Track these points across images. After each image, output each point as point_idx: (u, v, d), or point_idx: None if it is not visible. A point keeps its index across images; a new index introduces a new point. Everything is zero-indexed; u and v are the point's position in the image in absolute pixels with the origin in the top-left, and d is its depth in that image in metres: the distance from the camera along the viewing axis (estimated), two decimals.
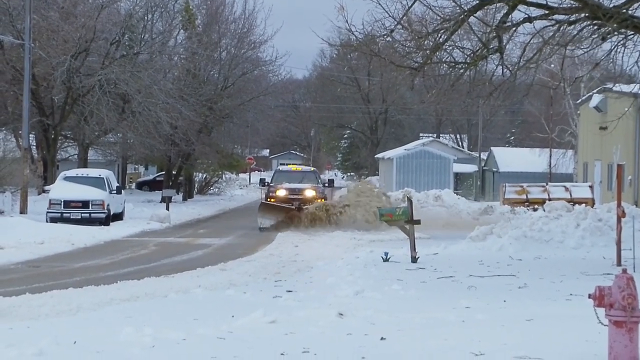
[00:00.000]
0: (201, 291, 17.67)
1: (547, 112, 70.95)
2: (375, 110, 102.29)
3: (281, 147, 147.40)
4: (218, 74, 61.41)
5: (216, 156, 63.79)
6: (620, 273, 9.55)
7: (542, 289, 17.13)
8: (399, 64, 23.22)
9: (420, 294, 16.73)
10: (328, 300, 15.71)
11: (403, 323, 12.79)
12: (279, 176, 43.54)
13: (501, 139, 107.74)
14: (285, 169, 46.06)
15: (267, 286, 18.58)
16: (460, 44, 24.28)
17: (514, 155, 76.11)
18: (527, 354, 10.04)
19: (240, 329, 12.33)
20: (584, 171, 54.04)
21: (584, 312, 10.92)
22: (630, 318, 9.34)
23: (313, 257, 25.43)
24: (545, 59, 24.50)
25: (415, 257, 22.57)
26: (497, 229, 26.97)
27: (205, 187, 72.55)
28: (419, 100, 56.66)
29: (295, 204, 39.04)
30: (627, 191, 40.87)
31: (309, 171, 45.44)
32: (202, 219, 47.31)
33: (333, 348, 10.82)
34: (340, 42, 50.33)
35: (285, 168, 46.76)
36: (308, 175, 43.97)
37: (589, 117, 50.91)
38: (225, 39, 62.41)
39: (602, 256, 22.63)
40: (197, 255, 27.57)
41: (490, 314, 13.65)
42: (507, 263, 21.90)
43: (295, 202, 39.29)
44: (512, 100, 75.25)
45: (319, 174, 46.91)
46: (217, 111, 60.36)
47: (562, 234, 25.67)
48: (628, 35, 22.23)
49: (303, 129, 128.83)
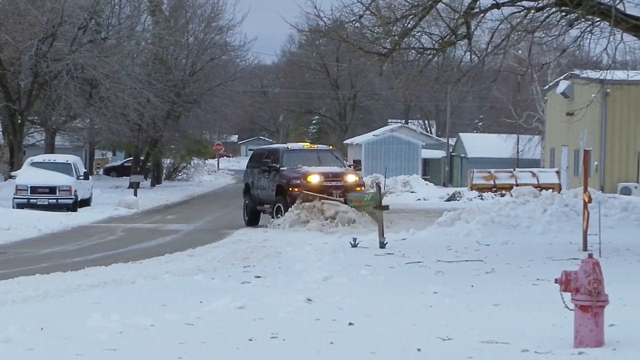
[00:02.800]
0: (169, 277, 17.63)
1: (515, 98, 71.28)
2: (343, 96, 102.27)
3: (250, 132, 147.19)
4: (186, 59, 61.22)
5: (184, 142, 63.62)
6: (586, 258, 9.62)
7: (510, 274, 17.21)
8: (368, 50, 23.22)
9: (388, 279, 16.77)
10: (296, 285, 15.73)
11: (371, 308, 12.83)
12: (289, 157, 33.38)
13: (469, 125, 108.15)
14: (296, 147, 35.95)
15: (235, 272, 18.57)
16: (429, 30, 24.33)
17: (482, 141, 76.46)
18: (494, 338, 10.10)
19: (208, 314, 12.33)
20: (551, 157, 54.33)
21: (551, 296, 10.99)
22: (596, 302, 9.42)
23: (282, 242, 25.43)
24: (513, 45, 24.58)
25: (383, 242, 22.61)
26: (465, 215, 27.06)
27: (173, 173, 72.36)
28: (387, 86, 56.68)
29: (337, 193, 31.13)
30: (593, 177, 41.15)
31: (326, 150, 35.82)
32: (171, 204, 47.19)
33: (301, 333, 10.85)
34: (309, 28, 50.27)
35: (297, 146, 36.35)
36: (326, 155, 34.42)
37: (556, 103, 51.17)
38: (192, 24, 62.21)
39: (568, 241, 22.77)
40: (165, 241, 27.50)
41: (457, 299, 13.71)
42: (475, 248, 21.99)
43: (335, 191, 31.23)
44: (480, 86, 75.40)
45: (339, 153, 37.28)
46: (185, 97, 60.18)
47: (530, 219, 25.79)
48: (595, 21, 22.32)
49: (272, 115, 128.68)
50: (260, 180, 33.77)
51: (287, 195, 31.45)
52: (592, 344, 9.43)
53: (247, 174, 35.51)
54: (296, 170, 32.31)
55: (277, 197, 31.90)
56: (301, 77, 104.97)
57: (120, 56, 48.72)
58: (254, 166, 34.98)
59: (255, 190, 33.96)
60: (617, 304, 11.31)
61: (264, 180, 33.42)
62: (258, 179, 33.96)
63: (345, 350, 9.75)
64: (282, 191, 31.81)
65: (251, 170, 35.03)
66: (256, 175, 34.18)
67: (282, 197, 31.67)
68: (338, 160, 34.35)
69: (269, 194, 32.77)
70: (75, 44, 47.10)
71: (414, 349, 9.68)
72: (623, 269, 17.46)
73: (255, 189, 34.02)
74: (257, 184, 33.90)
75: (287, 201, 31.23)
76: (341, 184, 31.71)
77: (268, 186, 32.98)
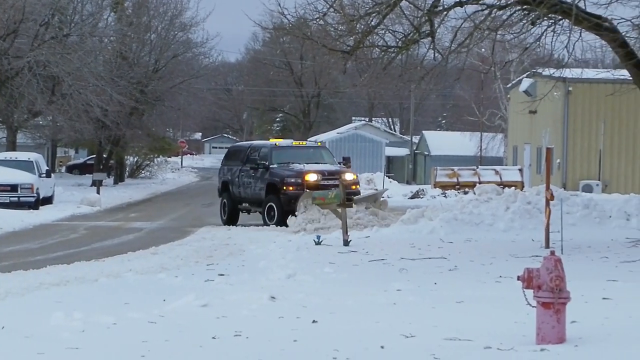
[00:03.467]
0: (132, 275, 17.56)
1: (478, 96, 71.62)
2: (307, 94, 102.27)
3: (213, 130, 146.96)
4: (149, 56, 60.98)
5: (148, 139, 63.41)
6: (548, 255, 9.68)
7: (472, 271, 17.29)
8: (332, 47, 23.22)
9: (352, 276, 16.79)
10: (260, 283, 15.71)
11: (335, 306, 12.84)
12: (278, 155, 32.28)
13: (433, 123, 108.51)
14: (284, 143, 34.69)
15: (199, 270, 18.52)
16: (392, 27, 24.36)
17: (445, 138, 76.79)
18: (457, 335, 10.14)
19: (171, 312, 12.29)
20: (513, 154, 54.64)
21: (513, 293, 11.04)
22: (558, 299, 9.48)
23: (245, 240, 25.39)
24: (476, 43, 24.67)
25: (347, 240, 22.63)
26: (429, 212, 27.14)
27: (136, 171, 72.08)
28: (351, 84, 56.74)
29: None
30: (555, 174, 41.42)
31: (317, 146, 35.09)
32: (134, 202, 47.00)
33: (265, 331, 10.84)
34: (273, 26, 50.32)
35: (285, 143, 35.11)
36: (317, 152, 33.53)
37: (519, 101, 51.42)
38: (155, 21, 61.98)
39: (531, 238, 22.90)
40: (128, 239, 27.38)
41: (421, 296, 13.75)
42: (438, 246, 22.06)
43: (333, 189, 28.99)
44: (443, 84, 75.83)
45: (328, 149, 36.08)
46: (148, 94, 59.93)
47: (492, 216, 25.92)
48: (557, 20, 22.47)
49: (235, 113, 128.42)
50: (242, 178, 32.83)
51: (281, 194, 30.46)
52: (554, 340, 9.48)
53: (224, 171, 34.58)
54: (289, 168, 31.45)
55: (268, 196, 30.95)
56: (265, 74, 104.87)
57: (82, 53, 48.41)
58: (232, 163, 34.09)
59: (236, 188, 33.11)
60: (578, 301, 11.39)
61: (248, 178, 32.48)
62: (240, 176, 32.98)
63: (308, 348, 9.76)
64: (275, 190, 30.74)
65: (229, 168, 34.13)
66: (237, 173, 33.25)
67: (274, 196, 30.61)
68: (329, 157, 33.45)
69: (255, 192, 32.04)
70: (37, 40, 46.76)
71: (378, 346, 9.69)
72: (585, 266, 17.58)
73: (235, 187, 33.18)
74: (239, 182, 32.98)
75: (281, 200, 30.43)
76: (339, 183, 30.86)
77: (254, 184, 32.10)
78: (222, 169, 35.21)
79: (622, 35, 22.27)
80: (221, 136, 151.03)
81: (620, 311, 11.77)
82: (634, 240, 22.10)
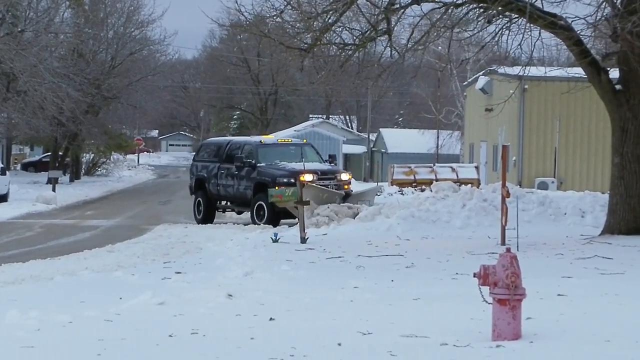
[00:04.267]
0: (88, 273, 17.46)
1: (435, 94, 71.94)
2: (265, 91, 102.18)
3: (170, 128, 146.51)
4: (105, 53, 60.66)
5: (104, 137, 63.03)
6: (504, 252, 9.73)
7: (429, 268, 17.35)
8: (289, 45, 23.22)
9: (309, 274, 16.80)
10: (217, 281, 15.68)
11: (292, 303, 12.84)
12: (264, 153, 31.51)
13: (390, 120, 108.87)
14: (270, 141, 33.47)
15: (155, 268, 18.45)
16: (349, 25, 24.41)
17: (402, 136, 77.07)
18: (413, 332, 10.17)
19: (128, 311, 12.23)
20: (470, 152, 54.89)
21: (470, 290, 11.10)
22: (514, 296, 9.53)
23: (202, 238, 25.32)
24: (433, 41, 24.76)
25: (304, 237, 22.64)
26: (386, 210, 27.21)
27: (92, 168, 71.65)
28: (308, 82, 56.74)
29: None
30: (511, 172, 41.66)
31: (303, 144, 33.96)
32: (90, 200, 46.71)
33: (222, 329, 10.82)
34: (230, 23, 50.20)
35: (270, 140, 34.04)
36: (303, 150, 32.44)
37: (475, 99, 51.69)
38: (112, 18, 61.65)
39: (487, 235, 23.02)
40: (84, 237, 27.22)
41: (378, 294, 13.78)
42: (395, 243, 22.12)
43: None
44: (400, 82, 76.07)
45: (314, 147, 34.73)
46: (104, 91, 59.64)
47: (449, 214, 26.03)
48: (512, 18, 22.62)
49: (192, 110, 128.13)
50: (223, 175, 32.05)
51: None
52: (509, 337, 9.54)
53: (197, 168, 33.64)
54: (279, 167, 30.66)
55: (257, 196, 29.98)
56: (222, 72, 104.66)
57: (38, 49, 48.01)
58: (208, 160, 33.16)
59: (214, 186, 32.40)
60: (534, 297, 11.47)
61: (230, 176, 31.70)
62: (219, 174, 32.20)
63: (265, 346, 9.75)
64: (265, 189, 28.84)
65: (204, 165, 33.21)
66: (214, 170, 32.48)
67: (264, 195, 28.88)
68: (315, 155, 32.56)
69: (240, 191, 31.39)
70: None
71: (335, 344, 9.70)
72: (540, 262, 17.70)
73: (213, 185, 32.45)
74: (219, 180, 32.22)
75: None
76: (335, 183, 30.51)
77: (238, 183, 31.31)
78: (194, 166, 34.16)
79: (576, 33, 22.46)
80: (178, 133, 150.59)
81: (575, 307, 11.87)
82: (589, 237, 22.31)
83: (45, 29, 51.41)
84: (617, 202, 22.49)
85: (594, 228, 24.21)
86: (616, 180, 22.54)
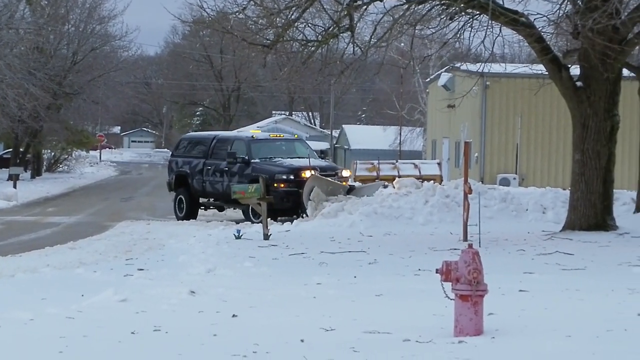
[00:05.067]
0: (50, 270, 17.36)
1: (397, 90, 72.05)
2: (227, 88, 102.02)
3: (132, 124, 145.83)
4: (67, 49, 60.27)
5: (65, 133, 62.61)
6: (466, 248, 9.78)
7: (392, 265, 17.40)
8: (251, 41, 23.19)
9: (272, 270, 16.80)
10: (180, 278, 15.63)
11: (255, 300, 12.83)
12: (257, 148, 30.72)
13: (352, 117, 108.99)
14: (262, 136, 32.45)
15: (118, 265, 18.37)
16: (312, 21, 24.41)
17: (365, 132, 77.10)
18: (376, 328, 10.20)
19: (90, 308, 12.17)
20: (432, 148, 55.06)
21: (432, 286, 11.14)
22: (476, 292, 9.58)
23: (165, 235, 25.25)
24: (396, 37, 24.83)
25: (267, 234, 22.63)
26: (348, 206, 27.24)
27: (54, 165, 71.16)
28: (271, 78, 56.72)
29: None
30: (473, 168, 41.83)
31: (295, 139, 33.29)
32: (51, 197, 46.41)
33: (185, 325, 10.79)
34: (192, 19, 49.99)
35: (262, 135, 32.94)
36: (296, 145, 31.94)
37: (438, 95, 51.83)
38: (73, 13, 61.28)
39: (449, 232, 23.12)
40: (45, 234, 27.06)
41: (341, 290, 13.80)
42: (358, 239, 22.16)
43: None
44: (363, 78, 76.06)
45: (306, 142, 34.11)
46: (66, 87, 59.24)
47: (412, 210, 26.11)
48: (475, 15, 22.71)
49: (155, 106, 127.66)
50: (210, 172, 31.08)
51: (272, 191, 27.61)
52: (471, 332, 9.59)
53: (178, 164, 32.51)
54: (276, 163, 29.85)
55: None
56: (185, 68, 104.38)
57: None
58: (191, 156, 32.13)
59: (199, 183, 31.42)
60: (496, 293, 11.54)
61: (219, 172, 30.74)
62: (205, 170, 31.23)
63: (228, 342, 9.74)
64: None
65: (186, 161, 32.15)
66: (199, 166, 31.49)
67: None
68: (308, 150, 31.68)
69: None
70: None
71: (298, 340, 9.71)
72: (502, 258, 17.80)
73: (198, 182, 31.48)
74: (205, 176, 31.22)
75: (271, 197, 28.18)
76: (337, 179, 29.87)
77: (229, 180, 30.13)
78: (174, 162, 32.92)
79: (538, 30, 22.60)
80: (140, 130, 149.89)
81: (536, 303, 11.94)
82: (550, 232, 22.45)
83: (6, 25, 51.04)
84: (578, 198, 22.64)
85: (555, 224, 24.37)
86: (577, 177, 22.70)
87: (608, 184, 22.62)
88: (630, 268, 16.21)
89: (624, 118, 25.75)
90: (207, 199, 31.88)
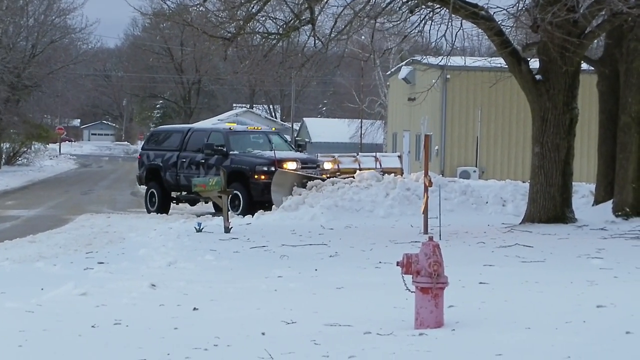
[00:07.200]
0: (9, 264, 17.24)
1: (358, 84, 72.16)
2: (188, 80, 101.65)
3: (92, 117, 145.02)
4: (25, 41, 59.82)
5: (24, 126, 62.14)
6: (426, 241, 9.81)
7: (353, 257, 17.43)
8: (212, 34, 23.12)
9: (233, 264, 16.78)
10: (140, 271, 15.58)
11: (216, 293, 12.82)
12: (235, 140, 30.44)
13: (313, 110, 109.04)
14: (240, 129, 32.22)
15: (78, 258, 18.27)
16: (273, 14, 24.39)
17: (326, 125, 77.22)
18: (337, 321, 10.21)
19: (50, 302, 12.10)
20: (393, 141, 55.19)
21: (393, 279, 11.17)
22: (436, 284, 9.62)
23: (125, 228, 25.14)
24: (356, 30, 24.85)
25: (228, 227, 22.59)
26: (309, 199, 27.26)
27: (13, 158, 70.57)
28: (232, 71, 56.52)
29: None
30: (434, 161, 42.02)
31: (272, 132, 33.07)
32: (10, 190, 46.03)
33: (145, 319, 10.76)
34: (153, 11, 49.76)
35: (240, 128, 32.75)
36: (273, 138, 31.81)
37: (398, 88, 51.97)
38: (32, 5, 60.82)
39: (410, 224, 23.19)
40: (4, 227, 26.85)
41: (302, 283, 13.82)
42: (319, 232, 22.18)
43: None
44: (324, 71, 76.03)
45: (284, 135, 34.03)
46: (25, 80, 58.80)
47: (372, 203, 26.17)
48: (435, 8, 22.79)
49: (115, 99, 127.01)
50: (184, 164, 30.74)
51: (251, 183, 28.51)
52: (432, 325, 9.62)
53: (149, 157, 32.16)
54: (256, 155, 29.69)
55: (231, 185, 27.37)
56: (145, 61, 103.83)
57: None
58: (163, 148, 31.76)
59: (172, 175, 31.10)
60: (456, 286, 11.60)
61: (194, 164, 30.43)
62: (179, 163, 30.91)
63: (189, 336, 9.72)
64: (241, 178, 28.72)
65: (158, 153, 31.76)
66: (172, 159, 31.17)
67: (239, 184, 28.54)
68: (285, 144, 31.72)
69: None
70: None
71: (259, 333, 9.71)
72: (462, 251, 17.89)
73: (171, 175, 31.17)
74: (179, 169, 30.90)
75: (250, 190, 28.77)
76: (319, 171, 29.86)
77: (205, 172, 29.78)
78: (145, 155, 32.50)
79: (498, 23, 22.70)
80: (100, 123, 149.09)
81: (497, 295, 12.01)
82: (510, 225, 22.59)
83: None
84: (538, 190, 22.79)
85: (515, 217, 24.52)
86: (536, 170, 22.84)
87: (567, 176, 22.78)
88: (589, 260, 16.33)
89: (583, 111, 25.93)
90: (179, 192, 31.62)
